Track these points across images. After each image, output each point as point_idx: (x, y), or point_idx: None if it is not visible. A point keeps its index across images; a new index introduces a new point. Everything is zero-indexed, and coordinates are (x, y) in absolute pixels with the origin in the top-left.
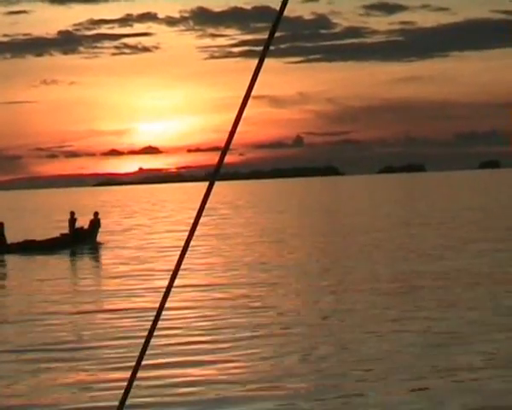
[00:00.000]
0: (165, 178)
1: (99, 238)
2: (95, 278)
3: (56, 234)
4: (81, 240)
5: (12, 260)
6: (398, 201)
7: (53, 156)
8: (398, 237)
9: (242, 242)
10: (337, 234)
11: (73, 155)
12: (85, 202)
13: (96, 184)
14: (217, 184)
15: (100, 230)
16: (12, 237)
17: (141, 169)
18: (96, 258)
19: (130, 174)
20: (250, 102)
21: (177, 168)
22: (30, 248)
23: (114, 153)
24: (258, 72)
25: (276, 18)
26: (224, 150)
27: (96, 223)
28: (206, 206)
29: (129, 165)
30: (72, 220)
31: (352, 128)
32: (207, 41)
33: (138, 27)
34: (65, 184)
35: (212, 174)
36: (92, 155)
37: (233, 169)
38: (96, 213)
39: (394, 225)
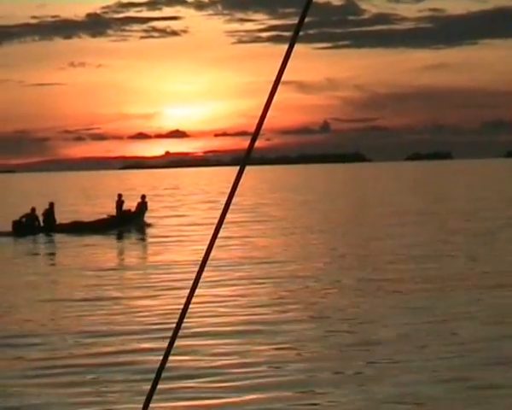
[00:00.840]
0: (191, 162)
1: (146, 220)
2: (140, 259)
3: (100, 216)
4: (128, 222)
5: (61, 239)
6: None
7: (80, 139)
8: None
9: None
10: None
11: (101, 137)
12: (124, 185)
13: (123, 168)
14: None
15: (147, 213)
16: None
17: (167, 153)
18: (142, 239)
19: (157, 158)
20: (278, 87)
21: (204, 152)
22: (78, 228)
23: (141, 136)
24: (288, 57)
25: (305, 3)
26: (255, 135)
27: (142, 206)
28: (237, 190)
29: (156, 148)
30: (120, 202)
31: (380, 115)
32: (236, 25)
33: (167, 11)
34: (91, 167)
35: (243, 159)
36: (119, 138)
37: (260, 154)
38: (143, 196)
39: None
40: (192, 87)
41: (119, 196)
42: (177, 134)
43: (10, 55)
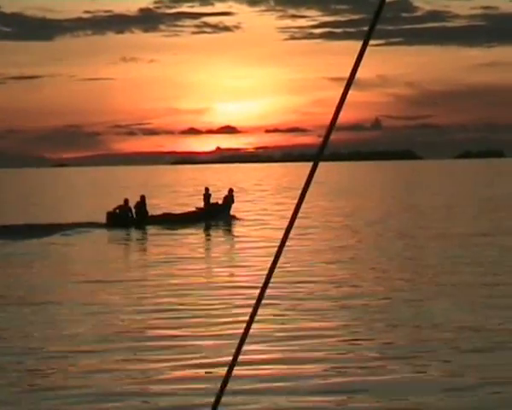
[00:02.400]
0: (241, 158)
1: (233, 213)
2: (228, 251)
3: (188, 209)
4: (215, 215)
5: (153, 231)
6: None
7: (131, 133)
8: None
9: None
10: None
11: (152, 132)
12: (193, 179)
13: (174, 162)
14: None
15: (233, 206)
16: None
17: (218, 148)
18: (229, 231)
19: (208, 153)
20: (329, 83)
21: (255, 148)
22: (169, 220)
23: (193, 131)
24: (363, 54)
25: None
26: (329, 131)
27: (229, 199)
28: (310, 187)
29: (207, 144)
30: (207, 196)
31: (431, 112)
32: (288, 22)
33: (219, 6)
34: (142, 162)
35: (316, 155)
36: (170, 133)
37: (310, 151)
38: (230, 190)
39: None
40: (244, 83)
41: (207, 189)
42: (228, 130)
43: (62, 49)
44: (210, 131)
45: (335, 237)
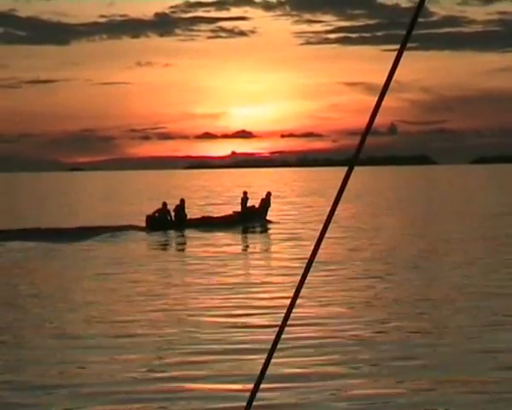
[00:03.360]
0: (256, 163)
1: (269, 218)
2: (264, 253)
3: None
4: (252, 218)
5: (192, 234)
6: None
7: (147, 138)
8: None
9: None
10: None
11: (167, 137)
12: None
13: (188, 167)
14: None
15: (270, 209)
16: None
17: (233, 153)
18: (267, 235)
19: (223, 158)
20: (344, 88)
21: (270, 153)
22: (207, 223)
23: (208, 136)
24: (400, 58)
25: (419, 2)
26: (364, 135)
27: (266, 202)
28: (345, 191)
29: (222, 148)
30: (245, 199)
31: (447, 118)
32: (303, 27)
33: (235, 11)
34: (157, 166)
35: (351, 159)
36: (186, 137)
37: (325, 156)
38: (268, 193)
39: None
40: (259, 87)
41: (245, 193)
42: (244, 134)
43: (78, 53)
44: (225, 136)
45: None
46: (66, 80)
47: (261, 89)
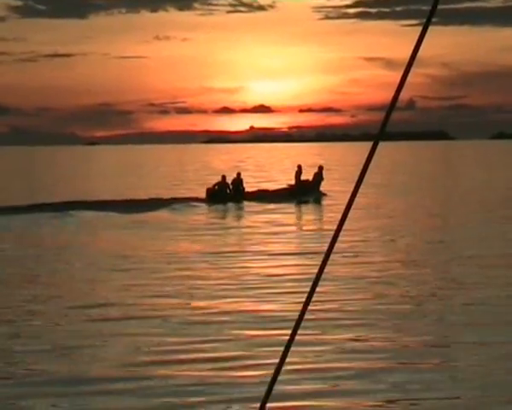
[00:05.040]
0: (275, 138)
1: (322, 190)
2: (318, 224)
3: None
4: (306, 191)
5: (248, 205)
6: None
7: (165, 112)
8: None
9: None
10: None
11: (185, 111)
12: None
13: (206, 141)
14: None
15: (323, 183)
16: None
17: (252, 127)
18: (320, 208)
19: (241, 132)
20: (364, 63)
21: (289, 128)
22: (263, 196)
23: (226, 110)
24: (424, 34)
25: None
26: (389, 111)
27: (319, 176)
28: (370, 167)
29: (240, 123)
30: (299, 173)
31: (466, 93)
32: (323, 1)
33: None
34: (175, 140)
35: (377, 135)
36: (204, 112)
37: (343, 131)
38: (320, 167)
39: None
40: (278, 62)
41: (299, 166)
42: (262, 109)
43: (96, 27)
44: (243, 111)
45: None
46: (84, 54)
47: (280, 63)
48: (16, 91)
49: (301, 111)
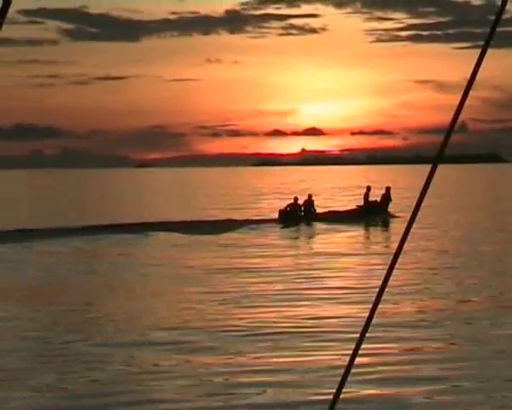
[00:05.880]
0: (326, 160)
1: (391, 211)
2: (385, 245)
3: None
4: (374, 212)
5: (319, 226)
6: None
7: (216, 135)
8: None
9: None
10: None
11: (236, 134)
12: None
13: (257, 164)
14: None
15: (391, 204)
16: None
17: (303, 150)
18: (387, 228)
19: (293, 155)
20: (415, 86)
21: (340, 150)
22: (333, 217)
23: (277, 133)
24: (483, 58)
25: (501, 2)
26: (448, 132)
27: (387, 197)
28: (429, 190)
29: (292, 145)
30: (367, 194)
31: None
32: (374, 24)
33: (306, 8)
34: (226, 163)
35: (436, 157)
36: (255, 134)
37: (395, 153)
38: (387, 188)
39: None
40: (329, 85)
41: (368, 188)
42: (314, 132)
43: (149, 50)
44: (295, 133)
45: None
46: (137, 77)
47: (331, 86)
48: (68, 114)
49: (353, 134)
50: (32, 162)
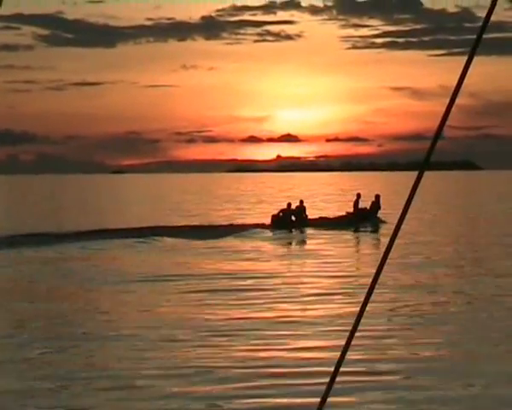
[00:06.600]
0: (301, 167)
1: (380, 217)
2: (374, 250)
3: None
4: (364, 219)
5: (310, 231)
6: None
7: (192, 141)
8: None
9: None
10: None
11: (212, 140)
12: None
13: (233, 170)
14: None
15: (380, 211)
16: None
17: (279, 156)
18: (376, 233)
19: (268, 161)
20: (391, 93)
21: (315, 157)
22: (324, 223)
23: (253, 139)
24: (470, 63)
25: (489, 8)
26: (434, 140)
27: (376, 204)
28: (415, 196)
29: (267, 152)
30: (357, 201)
31: (494, 123)
32: (350, 31)
33: (281, 15)
34: (201, 169)
35: (422, 164)
36: (231, 140)
37: (370, 160)
38: (377, 196)
39: None
40: (305, 91)
41: (358, 195)
42: (289, 138)
43: (124, 56)
44: (270, 140)
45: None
46: (112, 83)
47: (307, 92)
48: (44, 120)
49: (328, 140)
50: (7, 168)
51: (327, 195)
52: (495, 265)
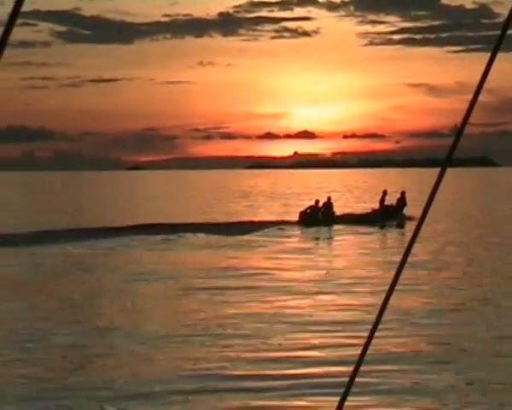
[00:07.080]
0: (318, 163)
1: (406, 214)
2: (399, 247)
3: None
4: (390, 216)
5: (337, 228)
6: None
7: (209, 138)
8: None
9: None
10: None
11: (229, 136)
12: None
13: (250, 167)
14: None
15: (406, 208)
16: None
17: (296, 153)
18: (402, 230)
19: (285, 158)
20: (408, 89)
21: (332, 154)
22: (350, 220)
23: (270, 136)
24: (492, 61)
25: None
26: (457, 136)
27: (402, 201)
28: (438, 193)
29: (284, 148)
30: (383, 198)
31: (511, 120)
32: (367, 27)
33: (298, 11)
34: (218, 166)
35: (445, 160)
36: (248, 137)
37: (387, 157)
38: (402, 192)
39: None
40: (322, 88)
41: (384, 192)
42: (306, 135)
43: (142, 52)
44: (287, 136)
45: None
46: (129, 79)
47: (324, 89)
48: (60, 116)
49: (345, 137)
50: (23, 164)
51: (349, 191)
52: None
